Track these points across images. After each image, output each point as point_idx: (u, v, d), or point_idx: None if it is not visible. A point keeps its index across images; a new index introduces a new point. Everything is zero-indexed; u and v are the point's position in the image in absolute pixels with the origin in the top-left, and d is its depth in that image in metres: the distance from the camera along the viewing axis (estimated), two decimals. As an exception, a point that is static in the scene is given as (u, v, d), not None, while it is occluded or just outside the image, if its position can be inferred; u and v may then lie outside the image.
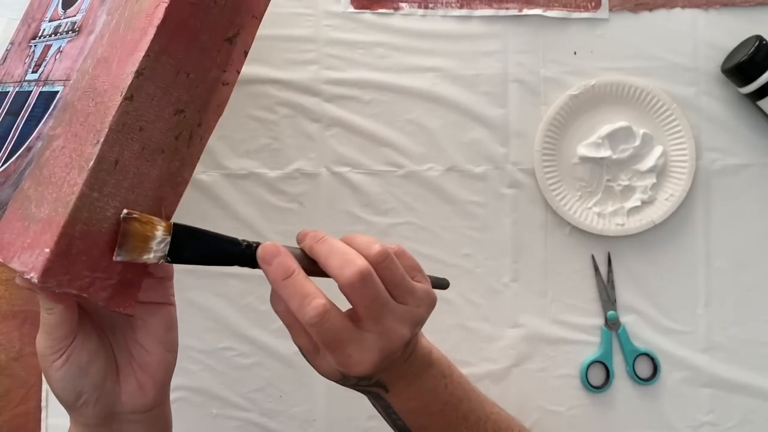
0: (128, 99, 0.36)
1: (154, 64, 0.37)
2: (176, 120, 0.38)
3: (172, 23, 0.37)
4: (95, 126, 0.37)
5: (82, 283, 0.36)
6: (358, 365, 0.39)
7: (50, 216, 0.36)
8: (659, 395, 0.62)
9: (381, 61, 0.61)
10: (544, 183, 0.61)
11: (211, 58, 0.39)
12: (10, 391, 0.60)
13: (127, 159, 0.37)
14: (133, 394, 0.42)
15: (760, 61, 0.58)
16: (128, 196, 0.37)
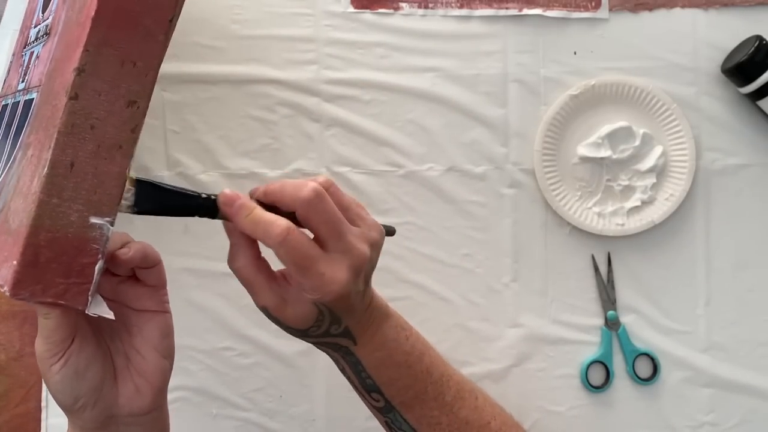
0: (73, 98, 0.35)
1: (95, 59, 0.35)
2: (130, 112, 0.36)
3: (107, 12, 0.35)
4: (49, 130, 0.35)
5: (57, 291, 0.36)
6: (331, 283, 0.41)
7: (18, 228, 0.35)
8: (659, 395, 0.62)
9: (381, 61, 0.61)
10: (544, 183, 0.61)
11: (158, 43, 0.37)
12: (10, 391, 0.60)
13: (82, 160, 0.35)
14: (131, 398, 0.42)
15: (760, 61, 0.58)
16: (91, 197, 0.36)
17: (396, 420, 0.48)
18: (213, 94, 0.61)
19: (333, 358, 0.47)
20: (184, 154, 0.61)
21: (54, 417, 0.60)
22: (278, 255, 0.40)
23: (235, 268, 0.43)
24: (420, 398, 0.47)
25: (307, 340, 0.45)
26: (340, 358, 0.47)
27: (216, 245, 0.60)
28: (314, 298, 0.41)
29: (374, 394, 0.47)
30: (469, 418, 0.49)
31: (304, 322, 0.43)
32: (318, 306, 0.42)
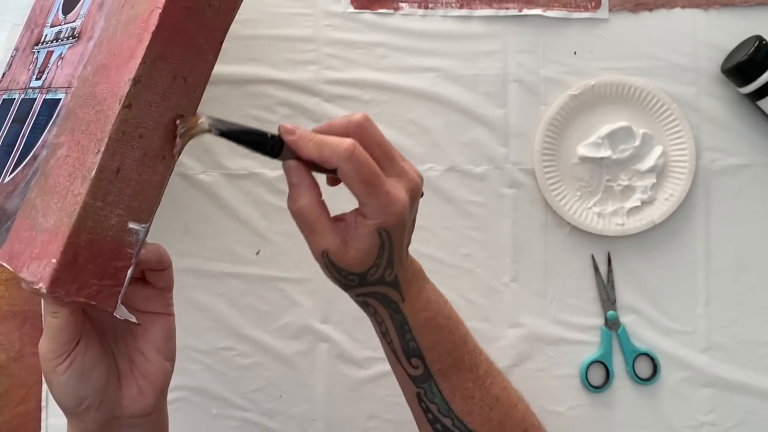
0: (126, 107, 0.36)
1: (151, 71, 0.36)
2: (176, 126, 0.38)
3: (167, 28, 0.37)
4: (96, 135, 0.37)
5: (90, 291, 0.36)
6: (396, 202, 0.41)
7: (56, 226, 0.36)
8: (659, 395, 0.62)
9: (381, 61, 0.61)
10: (544, 183, 0.61)
11: (208, 62, 0.39)
12: (10, 391, 0.60)
13: (128, 167, 0.37)
14: (134, 400, 0.43)
15: (760, 61, 0.58)
16: (131, 204, 0.37)
17: (430, 390, 0.47)
18: (213, 94, 0.61)
19: (377, 321, 0.46)
20: (184, 154, 0.60)
21: (54, 417, 0.60)
22: (345, 173, 0.40)
23: (298, 207, 0.42)
24: (457, 366, 0.47)
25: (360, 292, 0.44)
26: (387, 317, 0.46)
27: (216, 245, 0.61)
28: (379, 221, 0.41)
29: (414, 360, 0.46)
30: (499, 395, 0.48)
31: (366, 259, 0.42)
32: (380, 234, 0.41)
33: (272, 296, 0.61)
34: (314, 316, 0.61)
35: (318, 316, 0.61)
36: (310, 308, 0.61)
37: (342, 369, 0.61)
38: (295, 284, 0.61)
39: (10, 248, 0.40)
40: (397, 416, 0.61)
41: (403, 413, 0.61)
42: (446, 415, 0.47)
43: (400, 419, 0.61)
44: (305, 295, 0.61)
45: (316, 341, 0.61)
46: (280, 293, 0.61)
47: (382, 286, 0.44)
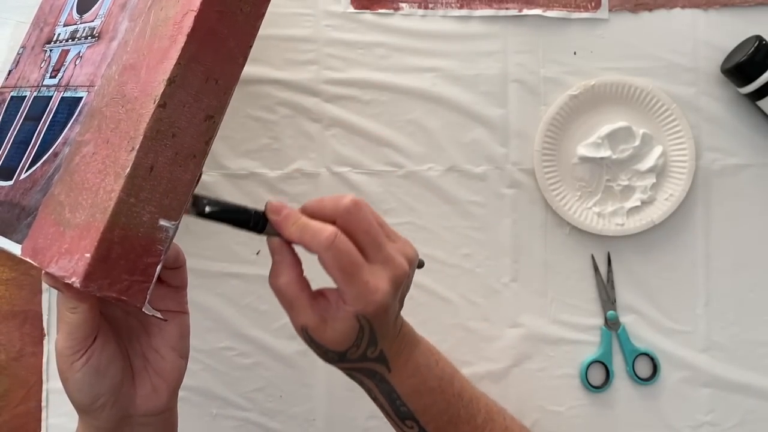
0: (161, 106, 0.37)
1: (185, 72, 0.37)
2: (206, 125, 0.39)
3: (201, 31, 0.38)
4: (129, 133, 0.37)
5: (121, 287, 0.37)
6: (375, 291, 0.40)
7: (88, 222, 0.37)
8: (659, 395, 0.62)
9: (381, 61, 0.61)
10: (544, 183, 0.61)
11: (238, 65, 0.40)
12: (10, 391, 0.60)
13: (161, 165, 0.37)
14: (148, 397, 0.43)
15: (759, 61, 0.58)
16: (163, 201, 0.38)
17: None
18: (213, 94, 0.61)
19: (366, 388, 0.47)
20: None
21: (54, 417, 0.60)
22: (324, 261, 0.40)
23: (279, 285, 0.42)
24: (453, 422, 0.47)
25: (342, 366, 0.45)
26: (373, 387, 0.46)
27: (216, 245, 0.61)
28: (357, 309, 0.41)
29: (408, 422, 0.47)
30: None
31: (345, 341, 0.42)
32: (359, 320, 0.41)
33: (272, 296, 0.61)
34: (314, 316, 0.61)
35: (318, 316, 0.61)
36: (310, 308, 0.61)
37: (342, 369, 0.61)
38: (295, 284, 0.61)
39: (33, 243, 0.40)
40: (397, 416, 0.61)
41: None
42: None
43: (400, 419, 0.61)
44: (305, 295, 0.61)
45: (316, 341, 0.61)
46: (280, 293, 0.61)
47: (365, 362, 0.44)
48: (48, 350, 0.61)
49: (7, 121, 0.51)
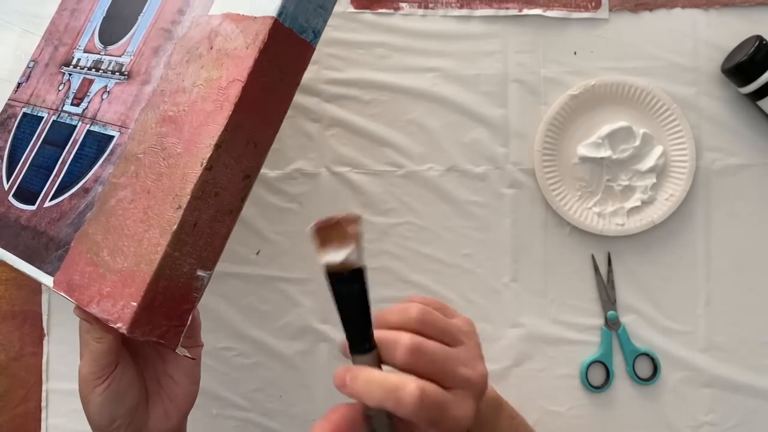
0: (208, 169, 0.39)
1: (231, 137, 0.39)
2: (244, 185, 0.41)
3: (246, 100, 0.40)
4: (173, 190, 0.40)
5: (160, 331, 0.40)
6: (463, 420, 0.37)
7: (132, 270, 0.39)
8: (659, 395, 0.62)
9: (381, 61, 0.61)
10: (544, 183, 0.61)
11: (274, 129, 0.43)
12: (10, 391, 0.60)
13: (203, 221, 0.40)
14: (159, 421, 0.45)
15: (760, 61, 0.58)
16: (202, 253, 0.40)
17: None
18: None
19: None
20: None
21: (54, 417, 0.60)
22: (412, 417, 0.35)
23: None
24: None
25: None
26: None
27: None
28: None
29: None
30: None
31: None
32: None
33: (272, 296, 0.61)
34: (314, 316, 0.61)
35: (318, 316, 0.61)
36: (310, 308, 0.61)
37: (342, 369, 0.61)
38: (295, 284, 0.61)
39: (67, 278, 0.42)
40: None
41: (403, 413, 0.61)
42: None
43: (400, 419, 0.61)
44: (305, 295, 0.61)
45: (316, 341, 0.61)
46: (280, 293, 0.61)
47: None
48: (47, 350, 0.61)
49: (21, 138, 0.52)
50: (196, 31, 0.44)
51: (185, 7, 0.46)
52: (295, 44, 0.42)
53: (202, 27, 0.44)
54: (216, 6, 0.44)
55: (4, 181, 0.51)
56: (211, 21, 0.44)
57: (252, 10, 0.41)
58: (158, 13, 0.48)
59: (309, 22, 0.42)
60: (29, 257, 0.46)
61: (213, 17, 0.44)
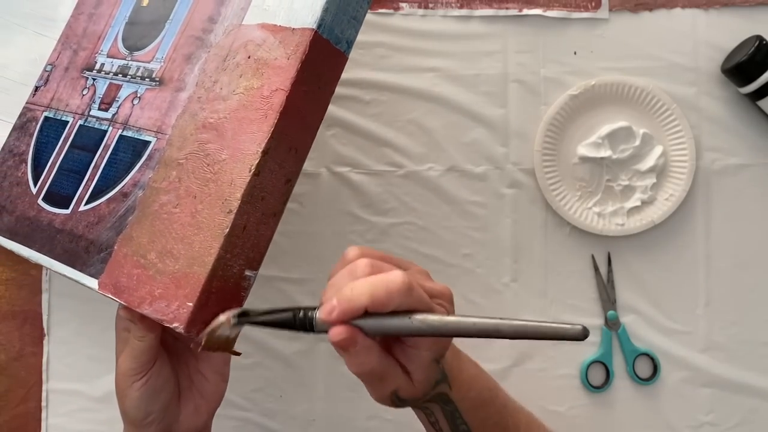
0: (256, 175, 0.41)
1: (276, 144, 0.41)
2: (286, 188, 0.43)
3: (289, 108, 0.41)
4: (222, 195, 0.41)
5: None
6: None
7: (185, 272, 0.41)
8: (659, 395, 0.62)
9: (381, 61, 0.61)
10: (544, 183, 0.61)
11: (313, 135, 0.44)
12: (10, 391, 0.60)
13: (251, 224, 0.42)
14: (190, 416, 0.47)
15: (760, 61, 0.58)
16: (249, 254, 0.42)
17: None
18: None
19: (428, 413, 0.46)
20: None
21: (54, 417, 0.60)
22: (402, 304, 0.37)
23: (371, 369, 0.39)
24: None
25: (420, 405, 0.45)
26: (438, 410, 0.46)
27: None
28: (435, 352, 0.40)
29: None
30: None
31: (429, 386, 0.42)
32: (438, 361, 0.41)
33: (272, 296, 0.61)
34: (314, 316, 0.61)
35: (318, 316, 0.61)
36: (310, 308, 0.61)
37: (342, 369, 0.61)
38: (295, 284, 0.61)
39: (113, 280, 0.44)
40: (397, 416, 0.61)
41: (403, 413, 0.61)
42: None
43: (400, 419, 0.61)
44: (305, 295, 0.61)
45: (316, 341, 0.61)
46: (280, 293, 0.61)
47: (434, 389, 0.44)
48: (48, 350, 0.61)
49: (45, 142, 0.53)
50: (231, 40, 0.45)
51: (216, 15, 0.47)
52: (332, 54, 0.43)
53: (237, 36, 0.45)
54: (250, 16, 0.45)
55: (31, 185, 0.52)
56: (246, 31, 0.45)
57: (289, 22, 0.43)
58: (187, 20, 0.49)
59: (343, 33, 0.44)
60: (69, 260, 0.47)
61: (248, 27, 0.45)
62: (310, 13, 0.42)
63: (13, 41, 0.59)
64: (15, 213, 0.52)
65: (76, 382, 0.61)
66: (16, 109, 0.56)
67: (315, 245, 0.61)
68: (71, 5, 0.57)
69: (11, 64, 0.58)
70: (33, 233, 0.50)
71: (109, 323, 0.46)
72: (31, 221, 0.50)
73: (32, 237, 0.50)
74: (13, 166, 0.54)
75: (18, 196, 0.52)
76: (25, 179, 0.52)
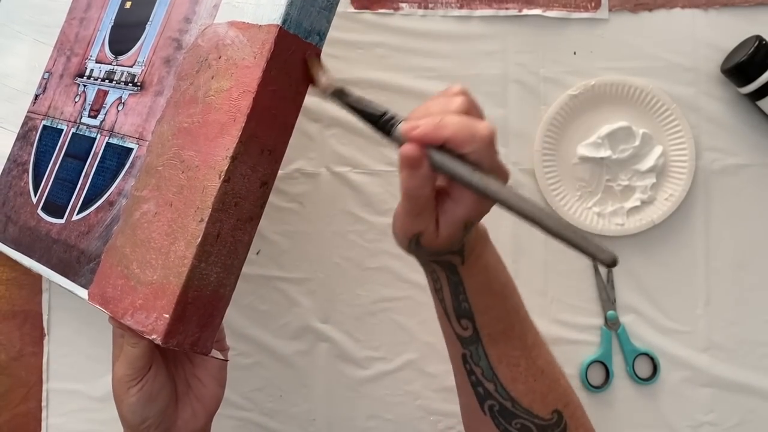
0: (226, 181, 0.40)
1: (246, 148, 0.40)
2: (262, 191, 0.42)
3: (257, 110, 0.40)
4: (194, 203, 0.40)
5: (193, 339, 0.41)
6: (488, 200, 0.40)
7: (162, 283, 0.40)
8: (659, 395, 0.62)
9: (381, 61, 0.61)
10: (544, 183, 0.61)
11: (287, 134, 0.43)
12: (10, 391, 0.60)
13: (225, 231, 0.41)
14: (188, 421, 0.47)
15: (759, 61, 0.58)
16: (226, 261, 0.41)
17: (476, 353, 0.47)
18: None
19: (434, 279, 0.46)
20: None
21: (54, 417, 0.60)
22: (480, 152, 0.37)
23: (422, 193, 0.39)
24: (507, 334, 0.47)
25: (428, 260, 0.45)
26: (443, 278, 0.46)
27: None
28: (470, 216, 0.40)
29: (464, 321, 0.46)
30: (544, 368, 0.48)
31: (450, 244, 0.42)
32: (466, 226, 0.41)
33: (272, 296, 0.61)
34: (314, 316, 0.61)
35: (318, 316, 0.61)
36: (310, 308, 0.61)
37: (342, 369, 0.61)
38: (295, 284, 0.61)
39: (101, 291, 0.44)
40: (397, 416, 0.61)
41: (403, 413, 0.61)
42: (490, 380, 0.46)
43: (400, 419, 0.61)
44: (305, 295, 0.61)
45: (316, 341, 0.61)
46: (280, 293, 0.61)
47: (446, 255, 0.44)
48: (48, 350, 0.61)
49: (43, 152, 0.52)
50: (204, 40, 0.44)
51: (191, 15, 0.46)
52: (302, 49, 0.41)
53: (209, 36, 0.44)
54: (221, 14, 0.44)
55: (32, 194, 0.52)
56: (217, 30, 0.43)
57: (256, 18, 0.41)
58: (165, 21, 0.47)
59: (313, 25, 0.42)
60: (63, 271, 0.47)
61: (219, 26, 0.43)
62: (274, 9, 0.40)
63: (14, 49, 0.59)
64: (19, 223, 0.52)
65: (76, 382, 0.61)
66: (20, 118, 0.56)
67: (315, 245, 0.61)
68: (65, 10, 0.56)
69: (14, 73, 0.58)
70: (33, 243, 0.50)
71: (108, 324, 0.46)
72: (31, 231, 0.50)
73: (32, 247, 0.50)
74: (17, 175, 0.54)
75: (21, 206, 0.52)
76: (27, 189, 0.52)
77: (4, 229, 0.53)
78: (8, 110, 0.57)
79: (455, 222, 0.41)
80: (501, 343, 0.46)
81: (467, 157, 0.37)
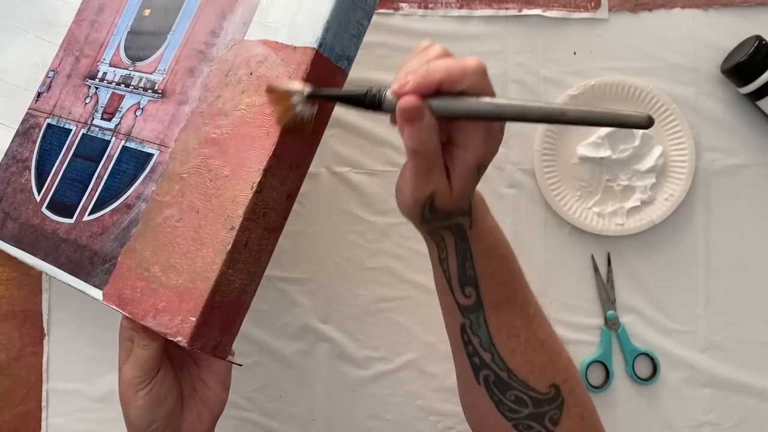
0: (257, 192, 0.41)
1: (278, 162, 0.42)
2: (287, 203, 0.44)
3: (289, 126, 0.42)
4: (225, 211, 0.42)
5: (215, 343, 0.42)
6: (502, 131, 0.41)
7: (188, 287, 0.41)
8: (659, 395, 0.62)
9: (381, 61, 0.61)
10: (544, 183, 0.61)
11: (313, 152, 0.44)
12: (10, 391, 0.60)
13: (253, 240, 0.42)
14: (193, 424, 0.47)
15: (759, 61, 0.58)
16: (251, 269, 0.43)
17: (477, 322, 0.46)
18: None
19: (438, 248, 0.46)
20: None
21: (54, 417, 0.60)
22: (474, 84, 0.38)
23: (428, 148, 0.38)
24: (509, 301, 0.46)
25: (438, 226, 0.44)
26: (450, 244, 0.45)
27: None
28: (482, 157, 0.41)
29: (468, 289, 0.45)
30: (545, 339, 0.47)
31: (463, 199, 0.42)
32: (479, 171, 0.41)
33: (272, 296, 0.61)
34: (314, 316, 0.61)
35: (318, 316, 0.61)
36: (310, 308, 0.61)
37: (342, 369, 0.61)
38: (295, 284, 0.61)
39: (117, 292, 0.44)
40: (397, 416, 0.61)
41: (403, 413, 0.61)
42: (487, 350, 0.46)
43: (400, 419, 0.61)
44: (305, 295, 0.61)
45: (316, 341, 0.61)
46: (280, 293, 0.61)
47: (459, 216, 0.43)
48: (48, 350, 0.61)
49: (48, 150, 0.53)
50: (233, 55, 0.45)
51: (218, 29, 0.47)
52: (332, 72, 0.44)
53: (239, 51, 0.45)
54: (252, 32, 0.45)
55: (35, 192, 0.52)
56: (248, 47, 0.45)
57: (291, 40, 0.43)
58: (189, 32, 0.49)
59: (344, 51, 0.44)
60: (73, 270, 0.47)
61: (250, 43, 0.45)
62: (312, 32, 0.42)
63: (14, 45, 0.59)
64: (19, 220, 0.52)
65: (76, 382, 0.61)
66: (19, 115, 0.56)
67: (315, 245, 0.61)
68: (73, 10, 0.56)
69: (13, 69, 0.58)
70: (38, 241, 0.50)
71: (109, 323, 0.46)
72: (35, 229, 0.51)
73: (37, 245, 0.50)
74: (16, 172, 0.54)
75: (22, 203, 0.52)
76: (29, 186, 0.52)
77: (2, 225, 0.53)
78: (6, 106, 0.57)
79: (468, 169, 0.40)
80: (503, 312, 0.46)
81: (467, 92, 0.37)
